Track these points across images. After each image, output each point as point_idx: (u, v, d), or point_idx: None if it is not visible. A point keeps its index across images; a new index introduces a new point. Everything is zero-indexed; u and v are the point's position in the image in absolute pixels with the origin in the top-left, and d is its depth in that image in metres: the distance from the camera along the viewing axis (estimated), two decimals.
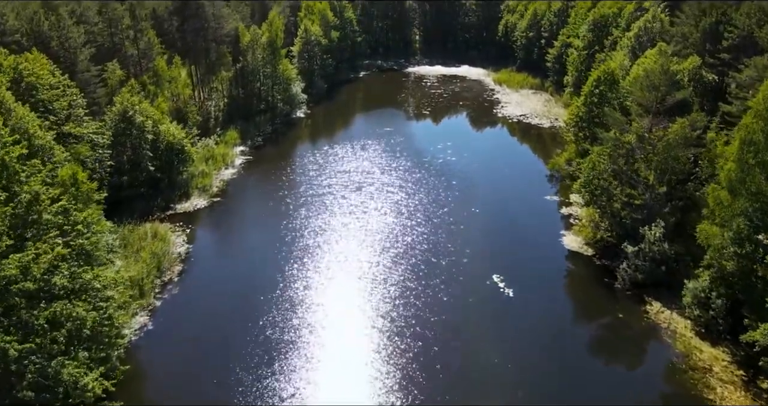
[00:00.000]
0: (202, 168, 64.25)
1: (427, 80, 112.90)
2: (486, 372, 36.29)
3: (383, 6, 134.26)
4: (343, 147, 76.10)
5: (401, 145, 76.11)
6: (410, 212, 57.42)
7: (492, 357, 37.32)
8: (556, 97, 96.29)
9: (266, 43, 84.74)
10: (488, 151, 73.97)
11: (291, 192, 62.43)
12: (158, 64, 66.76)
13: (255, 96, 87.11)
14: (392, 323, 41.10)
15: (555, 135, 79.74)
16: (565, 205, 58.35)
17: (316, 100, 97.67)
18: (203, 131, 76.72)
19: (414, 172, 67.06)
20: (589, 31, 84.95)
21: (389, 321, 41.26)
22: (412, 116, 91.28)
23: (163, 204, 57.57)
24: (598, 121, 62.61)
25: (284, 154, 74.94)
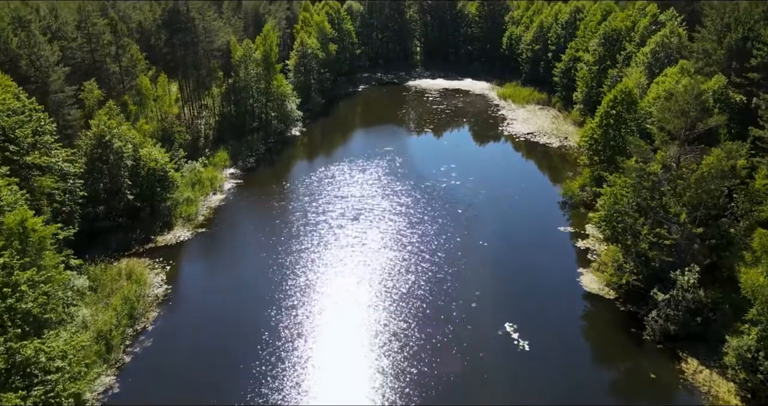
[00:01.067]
0: (187, 194, 59.47)
1: (429, 94, 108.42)
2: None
3: (383, 17, 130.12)
4: (340, 168, 71.40)
5: (402, 167, 71.42)
6: (413, 246, 52.59)
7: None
8: (564, 114, 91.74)
9: (260, 58, 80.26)
10: (495, 174, 69.20)
11: (283, 221, 57.64)
12: (141, 82, 62.15)
13: (248, 113, 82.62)
14: (396, 380, 36.20)
15: (565, 155, 75.06)
16: (581, 237, 53.50)
17: (313, 117, 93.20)
18: (192, 151, 72.18)
19: (416, 198, 62.31)
20: (600, 45, 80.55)
21: (392, 377, 36.35)
22: (413, 134, 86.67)
23: (142, 236, 52.72)
24: (615, 144, 58.17)
25: (277, 177, 70.20)
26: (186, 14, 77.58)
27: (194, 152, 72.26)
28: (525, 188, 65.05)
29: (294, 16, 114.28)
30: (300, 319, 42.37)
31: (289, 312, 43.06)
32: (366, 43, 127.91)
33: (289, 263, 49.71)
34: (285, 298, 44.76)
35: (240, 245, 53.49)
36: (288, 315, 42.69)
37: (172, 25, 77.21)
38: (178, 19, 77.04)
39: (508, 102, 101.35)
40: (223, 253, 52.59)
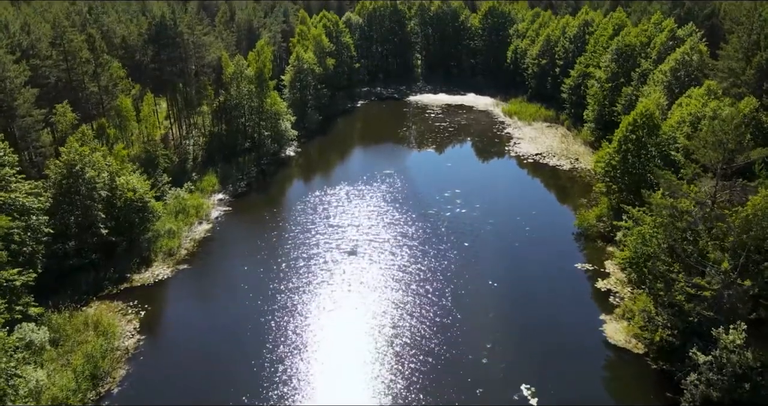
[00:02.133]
0: (169, 226, 54.58)
1: (431, 110, 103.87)
2: None
3: (383, 30, 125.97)
4: (337, 193, 66.58)
5: (403, 192, 66.60)
6: (416, 285, 47.63)
7: None
8: (573, 133, 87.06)
9: (253, 75, 75.68)
10: (503, 200, 64.32)
11: (274, 255, 52.72)
12: (121, 103, 57.45)
13: (240, 133, 77.98)
14: None
15: (577, 179, 70.25)
16: (601, 276, 48.49)
17: (309, 135, 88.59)
18: (179, 175, 67.46)
19: (419, 229, 57.42)
20: (613, 61, 75.98)
21: None
22: (414, 154, 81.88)
23: (116, 276, 47.77)
24: (635, 171, 53.36)
25: (269, 203, 65.34)
26: (174, 29, 73.18)
27: (181, 176, 67.54)
28: (536, 217, 60.11)
29: (290, 29, 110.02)
30: (288, 376, 37.31)
31: (276, 368, 38.00)
32: (365, 57, 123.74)
33: (278, 307, 44.71)
34: (272, 350, 39.73)
35: (224, 285, 48.47)
36: (275, 372, 37.63)
37: (159, 41, 72.78)
38: (165, 33, 72.65)
39: (513, 119, 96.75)
40: (205, 294, 47.60)
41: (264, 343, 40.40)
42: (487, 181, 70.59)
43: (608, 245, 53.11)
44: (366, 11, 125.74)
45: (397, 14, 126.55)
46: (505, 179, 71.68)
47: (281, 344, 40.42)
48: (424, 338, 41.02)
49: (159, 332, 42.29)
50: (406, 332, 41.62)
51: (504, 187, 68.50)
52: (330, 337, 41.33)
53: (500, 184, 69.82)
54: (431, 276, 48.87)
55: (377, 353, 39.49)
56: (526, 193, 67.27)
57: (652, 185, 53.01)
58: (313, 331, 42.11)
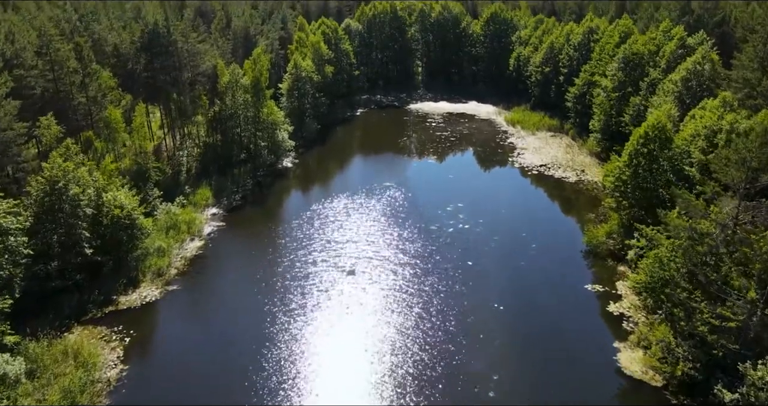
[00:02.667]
0: (159, 243, 52.09)
1: (432, 119, 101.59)
2: None
3: (383, 36, 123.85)
4: (335, 208, 64.15)
5: (404, 206, 64.18)
6: (418, 308, 45.12)
7: None
8: (578, 143, 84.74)
9: (249, 84, 73.39)
10: (507, 215, 61.87)
11: (269, 274, 50.23)
12: (110, 115, 55.06)
13: (235, 143, 75.53)
14: None
15: (584, 192, 67.84)
16: (613, 298, 45.97)
17: (307, 145, 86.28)
18: (172, 187, 65.13)
19: (420, 246, 54.97)
20: (620, 70, 73.65)
21: None
22: (415, 166, 79.41)
23: (101, 298, 45.23)
24: (647, 186, 50.94)
25: (265, 218, 62.89)
26: (167, 36, 70.91)
27: (174, 188, 65.20)
28: (542, 233, 57.62)
29: (288, 35, 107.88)
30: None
31: (270, 401, 35.44)
32: (365, 64, 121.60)
33: (272, 332, 42.19)
34: (266, 381, 37.18)
35: (215, 308, 45.94)
36: (267, 402, 35.14)
37: (152, 49, 70.49)
38: (158, 41, 70.37)
39: (516, 128, 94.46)
40: (195, 318, 45.09)
41: (257, 373, 37.88)
42: (490, 195, 68.12)
43: (619, 264, 50.64)
44: (366, 18, 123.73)
45: (398, 20, 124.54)
46: (509, 192, 69.20)
47: (276, 374, 37.88)
48: (427, 367, 38.50)
49: (144, 361, 39.72)
50: (408, 361, 39.09)
51: (508, 201, 66.04)
52: (327, 365, 38.80)
53: (504, 197, 67.34)
54: (434, 298, 46.37)
55: (377, 384, 36.94)
56: (531, 208, 64.79)
57: (665, 201, 50.78)
58: (309, 359, 39.59)
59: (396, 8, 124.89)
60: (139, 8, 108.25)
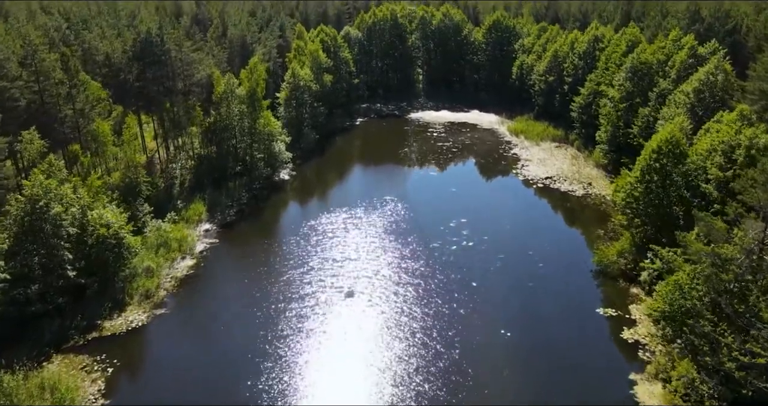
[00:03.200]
0: (147, 263, 49.60)
1: (433, 129, 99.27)
2: None
3: (383, 44, 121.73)
4: (333, 223, 61.69)
5: (405, 221, 61.71)
6: (421, 333, 42.56)
7: None
8: (584, 154, 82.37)
9: (245, 94, 71.09)
10: (512, 231, 59.39)
11: (262, 296, 47.70)
12: (98, 128, 52.68)
13: (230, 155, 73.13)
14: None
15: (591, 207, 65.36)
16: (626, 324, 43.39)
17: (305, 156, 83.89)
18: (164, 202, 62.84)
19: (422, 265, 52.47)
20: (627, 79, 71.35)
21: None
22: (416, 179, 76.90)
23: (83, 323, 42.69)
24: (660, 203, 48.52)
25: (260, 234, 60.40)
26: (160, 45, 68.65)
27: (167, 203, 62.88)
28: (549, 251, 55.09)
29: (287, 43, 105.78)
30: None
31: None
32: (365, 72, 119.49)
33: (266, 360, 39.60)
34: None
35: (205, 333, 43.34)
36: None
37: (144, 58, 68.21)
38: (151, 50, 68.09)
39: (520, 139, 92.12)
40: (183, 345, 42.46)
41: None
42: (494, 209, 65.62)
43: (631, 286, 48.10)
44: (365, 25, 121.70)
45: (398, 28, 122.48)
46: (514, 207, 66.69)
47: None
48: (432, 400, 35.88)
49: (127, 394, 37.11)
50: (410, 394, 36.49)
51: (513, 216, 63.54)
52: (323, 398, 36.19)
53: (509, 212, 64.85)
54: (437, 322, 43.81)
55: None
56: (537, 223, 62.26)
57: (678, 218, 48.39)
58: (305, 390, 37.00)
59: (396, 15, 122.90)
60: (134, 15, 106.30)
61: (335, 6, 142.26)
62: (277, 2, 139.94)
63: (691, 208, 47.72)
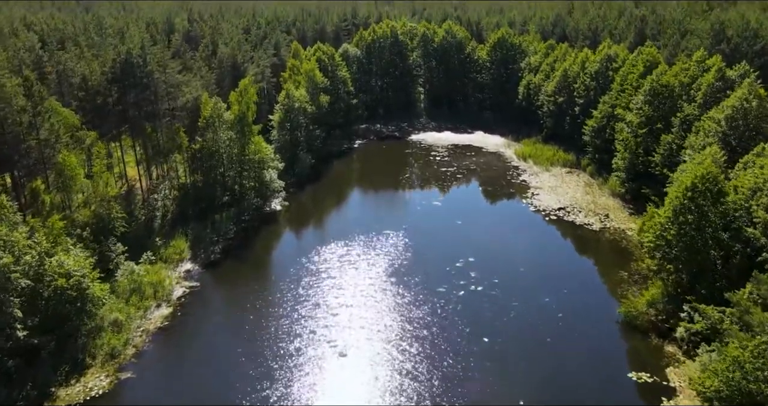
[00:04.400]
0: (115, 315, 43.77)
1: (435, 152, 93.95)
2: None
3: (383, 62, 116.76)
4: (328, 261, 56.02)
5: (407, 261, 55.99)
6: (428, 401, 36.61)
7: None
8: (598, 181, 76.84)
9: (234, 119, 65.75)
10: (526, 274, 53.62)
11: (244, 354, 41.86)
12: (64, 161, 47.19)
13: (218, 184, 67.57)
14: None
15: (611, 243, 59.63)
16: (665, 392, 37.45)
17: (300, 182, 78.42)
18: (144, 237, 57.49)
19: (426, 315, 46.66)
20: (647, 103, 66.04)
21: None
22: (419, 210, 71.10)
23: (34, 393, 36.77)
24: (696, 246, 42.83)
25: (246, 276, 54.60)
26: (142, 67, 63.43)
27: (146, 238, 57.44)
28: (568, 298, 49.27)
29: (282, 62, 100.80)
30: None
31: None
32: (364, 91, 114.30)
33: None
34: None
35: (174, 403, 37.36)
36: None
37: (124, 80, 62.97)
38: (132, 72, 62.87)
39: (528, 163, 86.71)
40: None
41: None
42: (504, 246, 59.83)
43: (666, 343, 42.20)
44: (365, 42, 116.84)
45: (398, 45, 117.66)
46: (526, 243, 60.85)
47: None
48: None
49: None
50: None
51: (525, 255, 57.74)
52: None
53: (521, 249, 59.06)
54: (444, 389, 37.89)
55: None
56: (552, 263, 56.43)
57: (715, 264, 42.81)
58: None
59: (397, 32, 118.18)
60: (122, 32, 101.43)
61: (333, 23, 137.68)
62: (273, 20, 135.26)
63: (731, 253, 42.21)
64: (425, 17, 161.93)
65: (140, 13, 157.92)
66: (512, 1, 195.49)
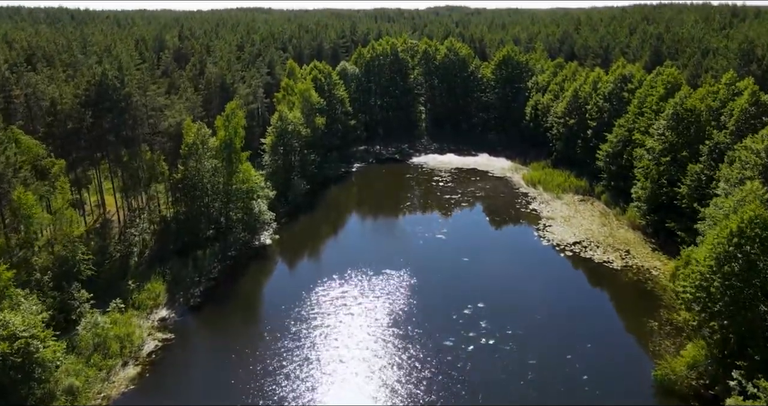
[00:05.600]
0: (71, 380, 37.73)
1: (438, 177, 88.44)
2: None
3: (383, 80, 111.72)
4: (321, 306, 50.19)
5: (408, 307, 50.10)
6: None
7: None
8: (614, 210, 71.20)
9: (220, 145, 60.25)
10: (544, 324, 47.57)
11: None
12: (20, 199, 41.48)
13: (203, 216, 61.80)
14: None
15: (636, 284, 53.70)
16: None
17: (293, 211, 72.91)
18: (118, 278, 51.64)
19: (431, 373, 40.68)
20: (670, 128, 60.59)
21: None
22: (422, 244, 65.08)
23: None
24: (743, 302, 36.93)
25: (227, 326, 48.62)
26: (119, 89, 58.05)
27: (120, 279, 51.62)
28: (592, 355, 43.21)
29: (276, 81, 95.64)
30: None
31: None
32: (363, 111, 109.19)
33: None
34: None
35: None
36: None
37: (99, 104, 57.57)
38: (107, 95, 57.50)
39: (538, 190, 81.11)
40: None
41: None
42: (517, 289, 53.79)
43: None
44: (364, 60, 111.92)
45: (399, 63, 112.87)
46: (540, 285, 54.80)
47: None
48: None
49: None
50: None
51: (541, 300, 51.68)
52: None
53: (535, 293, 52.98)
54: None
55: None
56: (572, 310, 50.31)
57: None
58: None
59: (397, 50, 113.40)
60: (109, 49, 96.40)
61: (331, 39, 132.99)
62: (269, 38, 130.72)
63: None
64: (426, 34, 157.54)
65: (132, 29, 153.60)
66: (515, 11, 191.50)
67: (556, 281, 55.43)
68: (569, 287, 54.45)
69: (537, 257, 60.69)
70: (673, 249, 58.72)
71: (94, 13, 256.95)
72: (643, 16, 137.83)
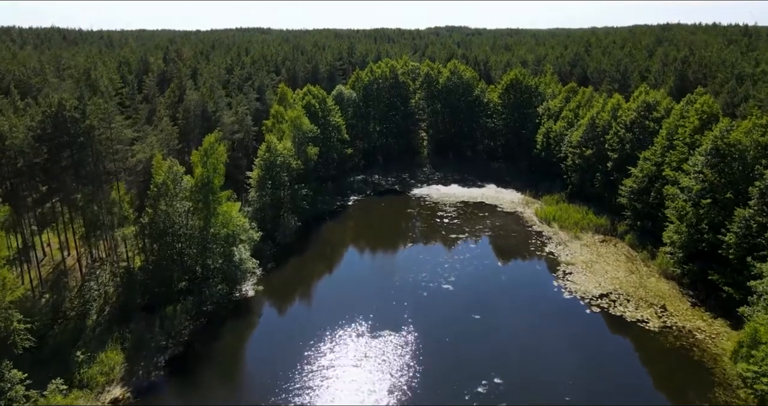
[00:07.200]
0: None
1: (442, 212, 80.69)
2: None
3: (382, 105, 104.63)
4: (307, 378, 42.20)
5: (412, 382, 41.94)
6: None
7: None
8: (641, 254, 63.46)
9: (196, 185, 52.69)
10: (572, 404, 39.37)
11: None
12: None
13: (176, 265, 53.94)
14: None
15: (677, 352, 45.52)
16: None
17: (280, 254, 65.16)
18: (67, 344, 43.77)
19: None
20: (709, 166, 53.04)
21: None
22: (425, 296, 56.83)
23: None
24: None
25: None
26: (79, 122, 50.58)
27: (71, 346, 43.61)
28: None
29: (266, 107, 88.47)
30: None
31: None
32: (360, 138, 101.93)
33: None
34: None
35: None
36: None
37: (55, 139, 50.04)
38: (65, 129, 50.00)
39: (553, 228, 73.37)
40: None
41: None
42: (540, 357, 45.54)
43: None
44: (362, 84, 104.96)
45: (399, 87, 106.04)
46: (566, 352, 46.35)
47: None
48: None
49: None
50: None
51: (570, 373, 43.28)
52: None
53: (562, 364, 44.60)
54: None
55: None
56: (608, 388, 41.96)
57: None
58: None
59: (397, 72, 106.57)
60: (89, 71, 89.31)
61: (328, 62, 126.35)
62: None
63: None
64: (428, 56, 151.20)
65: (123, 50, 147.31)
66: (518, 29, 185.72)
67: (586, 348, 47.06)
68: (602, 356, 46.09)
69: (559, 315, 52.46)
70: (717, 306, 50.92)
71: (87, 33, 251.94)
72: (656, 38, 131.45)
